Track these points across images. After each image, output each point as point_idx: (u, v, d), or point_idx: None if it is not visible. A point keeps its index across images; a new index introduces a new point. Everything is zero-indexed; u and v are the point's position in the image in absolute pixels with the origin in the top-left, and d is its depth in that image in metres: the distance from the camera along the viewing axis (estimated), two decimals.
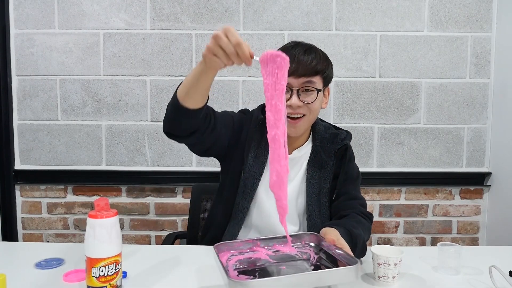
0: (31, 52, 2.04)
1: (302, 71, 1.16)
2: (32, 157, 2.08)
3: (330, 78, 1.27)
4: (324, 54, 1.24)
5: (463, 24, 2.05)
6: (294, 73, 1.16)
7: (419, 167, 2.11)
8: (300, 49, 1.19)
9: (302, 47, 1.21)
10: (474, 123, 2.10)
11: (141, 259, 1.13)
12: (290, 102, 1.17)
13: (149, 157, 2.08)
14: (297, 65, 1.16)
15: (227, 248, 1.06)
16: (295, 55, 1.17)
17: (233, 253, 1.05)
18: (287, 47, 1.21)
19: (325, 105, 1.29)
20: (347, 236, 1.07)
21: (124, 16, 2.03)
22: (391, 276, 0.98)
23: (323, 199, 1.27)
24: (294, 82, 1.17)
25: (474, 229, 2.17)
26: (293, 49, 1.19)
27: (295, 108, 1.18)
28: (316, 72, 1.19)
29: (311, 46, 1.23)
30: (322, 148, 1.30)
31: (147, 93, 2.06)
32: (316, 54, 1.20)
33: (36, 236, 2.14)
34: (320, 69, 1.19)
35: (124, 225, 2.13)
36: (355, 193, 1.32)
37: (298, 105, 1.18)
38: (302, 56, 1.17)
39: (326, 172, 1.28)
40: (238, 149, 1.28)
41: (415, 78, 2.07)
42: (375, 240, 2.15)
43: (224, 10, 2.02)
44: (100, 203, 0.89)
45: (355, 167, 1.37)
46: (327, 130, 1.34)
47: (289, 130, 1.18)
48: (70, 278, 1.00)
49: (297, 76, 1.17)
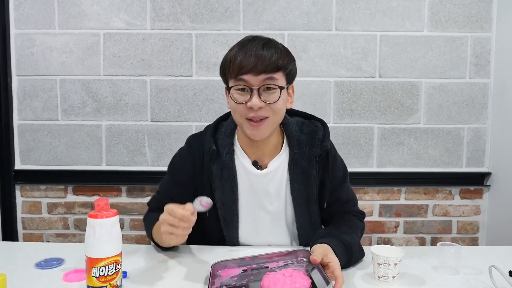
0: (31, 52, 2.04)
1: (262, 67, 1.03)
2: (32, 157, 2.08)
3: (294, 74, 1.14)
4: (285, 49, 1.11)
5: (463, 24, 2.05)
6: (252, 70, 1.03)
7: (419, 167, 2.11)
8: (258, 43, 1.07)
9: (260, 40, 1.08)
10: (474, 123, 2.10)
11: (141, 259, 1.13)
12: (250, 103, 1.04)
13: (149, 157, 2.08)
14: (256, 60, 1.03)
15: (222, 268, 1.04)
16: (253, 49, 1.04)
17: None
18: (244, 42, 1.09)
19: (290, 104, 1.17)
20: (341, 247, 1.05)
21: (124, 16, 2.03)
22: (391, 276, 0.98)
23: (312, 207, 1.21)
24: (254, 80, 1.04)
25: (474, 229, 2.17)
26: (250, 43, 1.07)
27: (257, 110, 1.05)
28: (278, 68, 1.05)
29: (270, 40, 1.10)
30: (301, 155, 1.18)
31: (147, 93, 2.06)
32: (276, 48, 1.07)
33: (36, 236, 2.14)
34: (281, 64, 1.06)
35: (124, 225, 2.13)
36: (346, 195, 1.27)
37: (259, 106, 1.05)
38: (260, 51, 1.04)
39: (310, 181, 1.18)
40: (203, 185, 1.19)
41: (415, 78, 2.07)
42: (375, 240, 2.16)
43: (224, 10, 2.02)
44: (100, 203, 0.89)
45: (340, 165, 1.27)
46: (302, 128, 1.22)
47: (252, 134, 1.10)
48: (70, 278, 1.00)
49: (257, 73, 1.03)
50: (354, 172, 2.00)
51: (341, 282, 0.93)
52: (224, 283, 0.99)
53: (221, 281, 0.99)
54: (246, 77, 1.04)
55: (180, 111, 2.06)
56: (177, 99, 2.06)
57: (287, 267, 1.02)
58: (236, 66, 1.05)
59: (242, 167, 1.19)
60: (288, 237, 1.26)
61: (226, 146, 1.18)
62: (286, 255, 1.05)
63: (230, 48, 1.13)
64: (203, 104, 2.06)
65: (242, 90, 1.07)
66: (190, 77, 2.05)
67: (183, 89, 2.05)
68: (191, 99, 2.06)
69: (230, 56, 1.08)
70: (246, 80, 1.04)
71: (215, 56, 2.04)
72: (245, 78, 1.04)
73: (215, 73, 2.04)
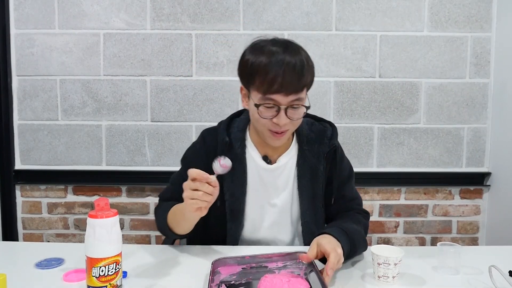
0: (31, 52, 2.04)
1: (291, 89, 1.04)
2: (32, 157, 2.08)
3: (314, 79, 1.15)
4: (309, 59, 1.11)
5: (463, 24, 2.05)
6: (282, 91, 1.04)
7: (419, 167, 2.11)
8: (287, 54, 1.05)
9: (288, 52, 1.05)
10: (474, 123, 2.10)
11: (141, 259, 1.13)
12: (277, 121, 1.07)
13: (149, 157, 2.08)
14: (287, 79, 1.03)
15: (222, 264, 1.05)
16: (283, 67, 1.03)
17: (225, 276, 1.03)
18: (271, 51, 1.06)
19: None
20: (343, 235, 1.06)
21: (124, 16, 2.03)
22: (391, 276, 0.98)
23: (318, 204, 1.24)
24: (283, 100, 1.05)
25: (474, 229, 2.17)
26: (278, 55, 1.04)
27: (283, 126, 1.09)
28: (304, 86, 1.08)
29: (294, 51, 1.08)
30: (310, 152, 1.22)
31: (147, 93, 2.06)
32: (304, 62, 1.07)
33: (36, 236, 2.14)
34: (307, 83, 1.09)
35: (124, 225, 2.13)
36: (350, 194, 1.30)
37: (286, 123, 1.08)
38: (291, 72, 1.03)
39: (317, 177, 1.23)
40: None
41: (415, 78, 2.07)
42: (375, 240, 2.16)
43: (224, 10, 2.02)
44: (100, 203, 0.89)
45: (347, 164, 1.31)
46: (311, 127, 1.26)
47: (272, 142, 1.14)
48: (70, 278, 1.00)
49: (286, 94, 1.05)
50: (354, 172, 2.01)
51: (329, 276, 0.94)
52: (223, 280, 1.00)
53: (220, 278, 1.00)
54: (275, 96, 1.05)
55: (180, 111, 2.06)
56: (177, 99, 2.06)
57: (286, 268, 1.03)
58: (266, 83, 1.04)
59: (253, 161, 1.22)
60: (291, 234, 1.28)
61: (239, 140, 1.22)
62: (286, 256, 1.06)
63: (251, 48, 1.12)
64: (203, 104, 2.06)
65: (269, 107, 1.08)
66: (190, 77, 2.05)
67: (183, 89, 2.05)
68: (191, 99, 2.06)
69: (256, 66, 1.06)
70: (274, 100, 1.06)
71: (215, 56, 2.04)
72: (274, 98, 1.05)
73: (215, 73, 2.04)
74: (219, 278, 1.00)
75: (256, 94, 1.08)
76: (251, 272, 1.03)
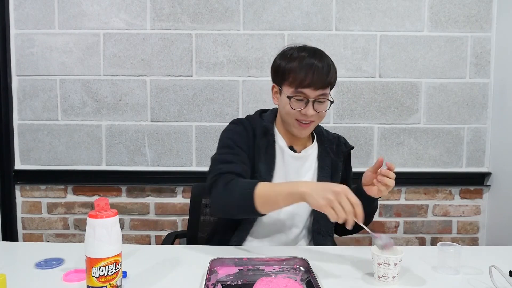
0: (31, 52, 2.04)
1: (320, 84, 1.20)
2: (32, 157, 2.08)
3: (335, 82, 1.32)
4: (332, 64, 1.27)
5: (463, 24, 2.05)
6: (311, 85, 1.20)
7: (419, 167, 2.11)
8: (316, 59, 1.22)
9: (316, 57, 1.23)
10: (474, 123, 2.10)
11: (141, 259, 1.13)
12: (305, 112, 1.22)
13: (149, 157, 2.08)
14: (316, 77, 1.20)
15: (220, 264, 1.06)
16: (313, 65, 1.20)
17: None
18: (303, 56, 1.22)
19: None
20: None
21: (124, 16, 2.03)
22: (391, 276, 0.98)
23: None
24: (311, 93, 1.21)
25: (474, 229, 2.17)
26: (309, 59, 1.22)
27: (309, 117, 1.23)
28: (329, 84, 1.24)
29: (322, 55, 1.26)
30: (330, 149, 1.37)
31: (147, 93, 2.06)
32: (330, 66, 1.24)
33: (36, 236, 2.14)
34: (332, 81, 1.25)
35: (124, 225, 2.13)
36: None
37: (312, 115, 1.22)
38: (320, 69, 1.20)
39: (337, 171, 1.35)
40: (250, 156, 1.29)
41: (415, 78, 2.07)
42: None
43: (224, 10, 2.02)
44: (100, 203, 0.89)
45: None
46: (327, 133, 1.42)
47: (299, 132, 1.28)
48: (70, 278, 1.00)
49: (315, 89, 1.20)
50: (354, 172, 2.00)
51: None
52: (219, 280, 1.01)
53: (217, 278, 1.02)
54: (305, 90, 1.21)
55: (180, 111, 2.06)
56: (177, 99, 2.06)
57: (282, 273, 1.04)
58: (299, 79, 1.21)
59: (280, 149, 1.32)
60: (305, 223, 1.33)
61: (270, 130, 1.33)
62: (283, 261, 1.08)
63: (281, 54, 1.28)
64: (203, 104, 2.06)
65: (299, 99, 1.23)
66: (190, 77, 2.05)
67: (183, 89, 2.05)
68: (191, 99, 2.06)
69: (290, 67, 1.22)
70: (304, 93, 1.21)
71: (215, 56, 2.04)
72: (304, 91, 1.21)
73: (215, 73, 2.04)
74: (215, 278, 1.02)
75: (288, 89, 1.23)
76: (248, 274, 1.04)
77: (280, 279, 0.97)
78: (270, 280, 0.96)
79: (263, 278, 0.97)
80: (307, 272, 1.03)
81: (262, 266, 1.06)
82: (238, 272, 1.04)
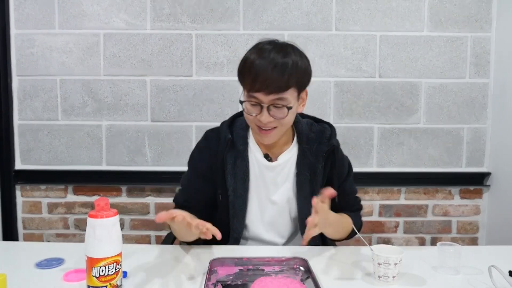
0: (31, 52, 2.04)
1: (272, 89, 1.07)
2: (32, 157, 2.08)
3: (307, 81, 1.16)
4: (299, 61, 1.11)
5: (463, 25, 2.05)
6: (262, 90, 1.07)
7: (419, 167, 2.11)
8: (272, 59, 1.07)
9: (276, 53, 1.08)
10: (474, 123, 2.10)
11: (141, 259, 1.13)
12: (260, 118, 1.10)
13: (149, 157, 2.08)
14: (266, 81, 1.06)
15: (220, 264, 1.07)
16: (263, 67, 1.06)
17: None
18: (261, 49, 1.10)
19: (302, 108, 1.21)
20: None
21: (124, 16, 2.03)
22: (391, 276, 0.99)
23: None
24: (264, 98, 1.08)
25: (473, 229, 2.17)
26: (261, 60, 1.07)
27: (266, 123, 1.12)
28: (288, 87, 1.08)
29: (286, 52, 1.09)
30: (309, 151, 1.25)
31: (147, 93, 2.06)
32: (290, 65, 1.07)
33: (36, 236, 2.14)
34: (292, 83, 1.08)
35: (124, 225, 2.13)
36: (350, 188, 1.35)
37: (269, 121, 1.11)
38: (271, 72, 1.05)
39: (316, 175, 1.24)
40: (217, 174, 1.24)
41: (415, 78, 2.07)
42: (375, 240, 2.16)
43: (224, 10, 2.02)
44: (100, 203, 0.89)
45: (346, 162, 1.34)
46: (311, 128, 1.28)
47: (262, 140, 1.18)
48: (70, 278, 1.00)
49: (266, 93, 1.07)
50: (354, 172, 2.01)
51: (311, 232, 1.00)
52: (219, 280, 1.01)
53: (217, 278, 1.02)
54: (257, 95, 1.09)
55: (180, 111, 2.06)
56: (177, 99, 2.06)
57: (282, 273, 1.05)
58: (248, 83, 1.09)
59: (254, 158, 1.25)
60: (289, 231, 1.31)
61: (241, 138, 1.25)
62: (283, 262, 1.08)
63: (252, 47, 1.15)
64: (203, 104, 2.06)
65: (253, 104, 1.12)
66: (190, 77, 2.05)
67: (183, 89, 2.06)
68: (191, 99, 2.06)
69: (247, 65, 1.11)
70: (257, 98, 1.10)
71: (215, 56, 2.04)
72: (256, 96, 1.09)
73: (215, 73, 2.05)
74: (215, 277, 1.02)
75: (244, 92, 1.14)
76: (248, 274, 1.04)
77: (281, 279, 0.97)
78: (271, 280, 0.96)
79: (262, 278, 0.97)
80: (307, 272, 1.03)
81: (262, 266, 1.07)
82: (238, 272, 1.05)
